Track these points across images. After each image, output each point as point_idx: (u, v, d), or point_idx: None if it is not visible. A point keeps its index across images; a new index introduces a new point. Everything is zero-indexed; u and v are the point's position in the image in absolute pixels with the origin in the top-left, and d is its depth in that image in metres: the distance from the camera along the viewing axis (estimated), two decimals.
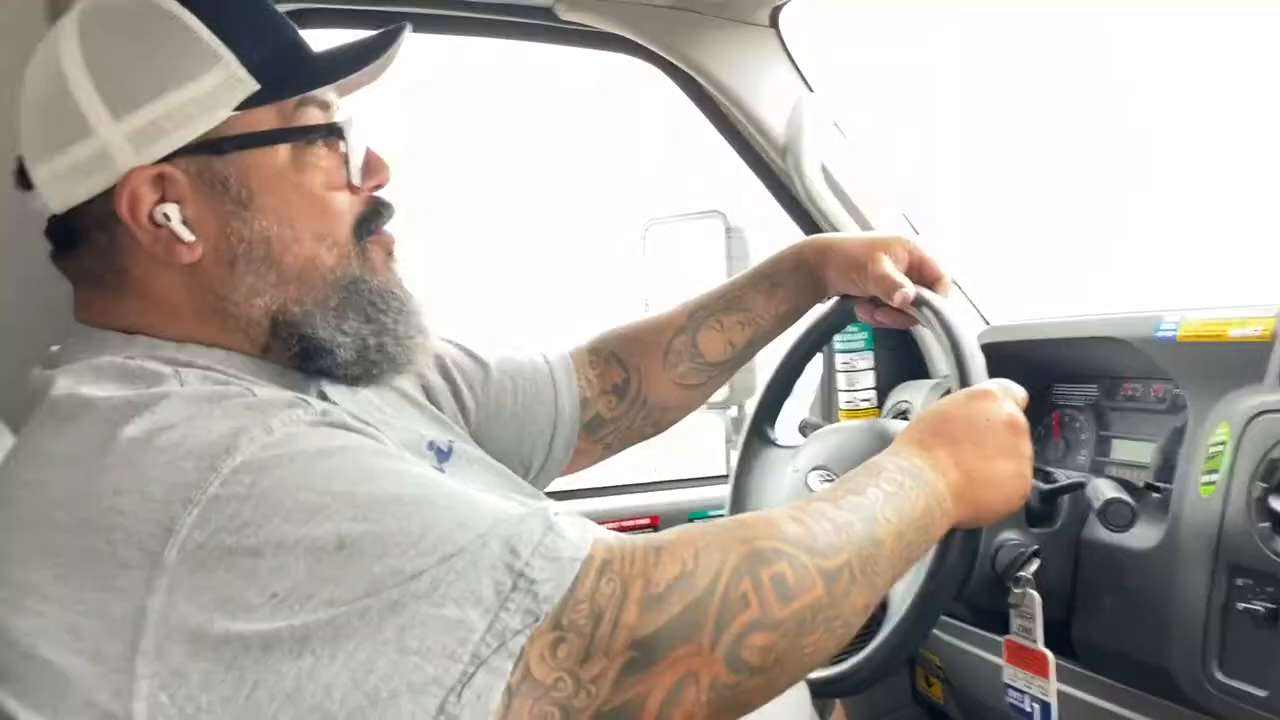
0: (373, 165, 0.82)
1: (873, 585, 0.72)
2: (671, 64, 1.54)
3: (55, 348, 0.78)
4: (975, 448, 0.83)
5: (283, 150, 0.76)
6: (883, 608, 0.91)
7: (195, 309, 0.76)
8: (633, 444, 1.20)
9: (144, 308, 0.76)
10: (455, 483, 0.69)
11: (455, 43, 1.57)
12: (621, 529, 1.53)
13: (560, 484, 1.21)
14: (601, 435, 1.16)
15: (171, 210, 0.73)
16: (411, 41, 0.83)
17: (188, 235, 0.73)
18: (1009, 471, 0.84)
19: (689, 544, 0.67)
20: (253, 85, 0.74)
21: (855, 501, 0.75)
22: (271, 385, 0.75)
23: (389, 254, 0.83)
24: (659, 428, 1.20)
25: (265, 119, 0.76)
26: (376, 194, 0.83)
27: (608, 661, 0.62)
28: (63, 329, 0.80)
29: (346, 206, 0.80)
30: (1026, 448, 0.86)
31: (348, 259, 0.79)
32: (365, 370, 0.80)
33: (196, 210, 0.74)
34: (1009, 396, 0.88)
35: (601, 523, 0.95)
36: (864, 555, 0.72)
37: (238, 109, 0.74)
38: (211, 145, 0.74)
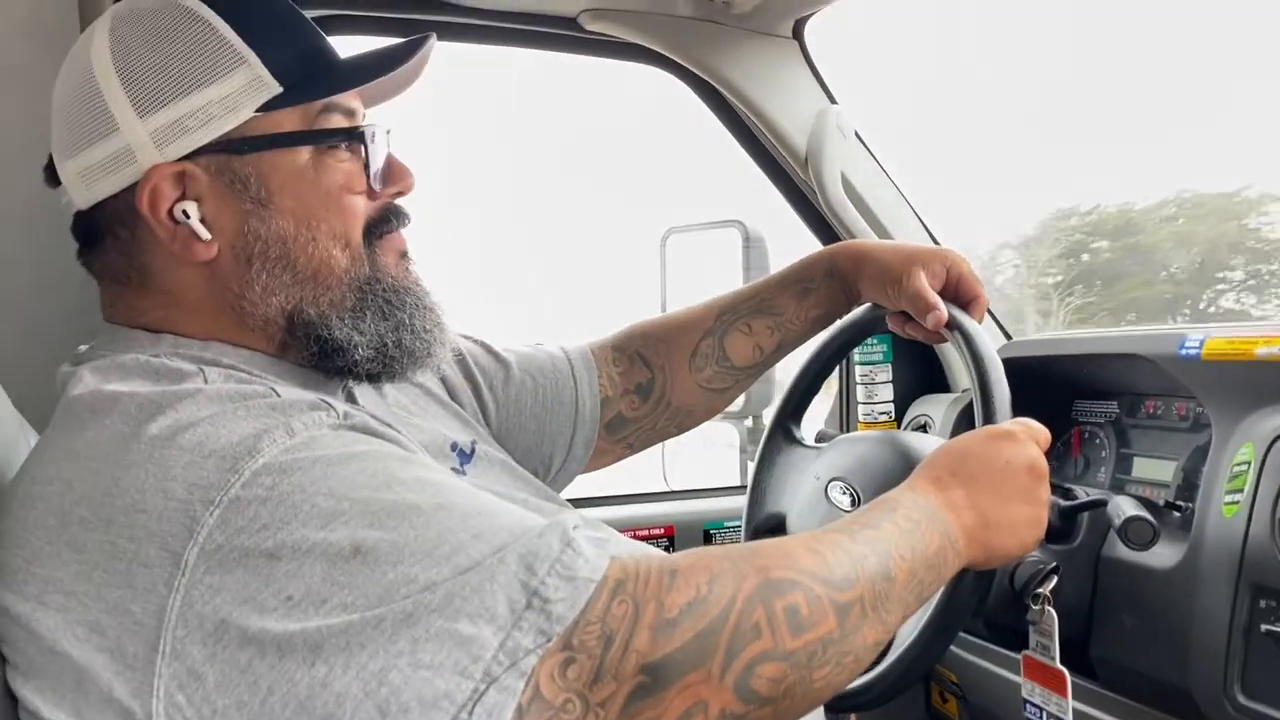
0: (396, 172, 0.83)
1: (883, 622, 0.72)
2: (694, 75, 1.54)
3: (83, 347, 0.79)
4: (992, 490, 0.82)
5: (304, 152, 0.78)
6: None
7: (213, 307, 0.77)
8: (654, 444, 1.20)
9: (166, 304, 0.77)
10: (476, 491, 0.69)
11: (482, 52, 1.58)
12: (636, 538, 1.53)
13: (577, 491, 1.20)
14: (623, 435, 1.15)
15: (191, 208, 0.74)
16: (437, 51, 0.84)
17: (204, 233, 0.75)
18: (1024, 517, 0.83)
19: (705, 569, 0.66)
20: (276, 88, 0.76)
21: (871, 536, 0.74)
22: (294, 385, 0.76)
23: (401, 255, 0.84)
24: (681, 429, 1.19)
25: (287, 121, 0.77)
26: (395, 200, 0.84)
27: (617, 685, 0.62)
28: (92, 329, 0.81)
29: (361, 209, 0.80)
30: (1045, 493, 0.85)
31: (360, 260, 0.80)
32: (385, 367, 0.81)
33: (215, 208, 0.75)
34: (1031, 439, 0.86)
35: (619, 530, 0.95)
36: (877, 591, 0.71)
37: (260, 110, 0.75)
38: (232, 145, 0.75)
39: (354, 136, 0.80)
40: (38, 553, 0.63)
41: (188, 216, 0.74)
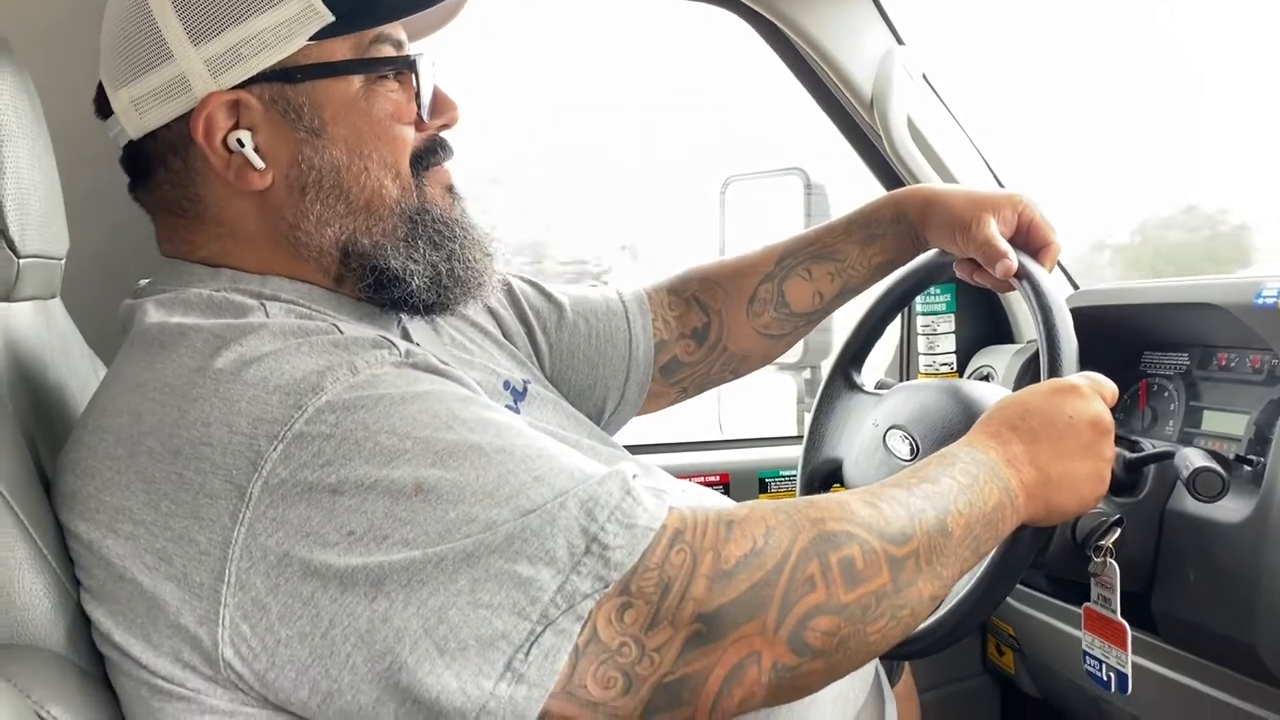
0: (441, 104, 0.84)
1: (939, 576, 0.71)
2: (757, 14, 1.50)
3: (144, 281, 0.81)
4: (1054, 445, 0.80)
5: (355, 81, 0.78)
6: None
7: (269, 238, 0.77)
8: (709, 389, 1.20)
9: (221, 235, 0.78)
10: (537, 433, 0.69)
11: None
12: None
13: (632, 438, 1.20)
14: (678, 379, 1.15)
15: (245, 137, 0.75)
16: None
17: (259, 162, 0.75)
18: (1086, 473, 0.81)
19: (760, 521, 0.66)
20: (328, 16, 0.75)
21: (929, 490, 0.73)
22: (353, 320, 0.77)
23: (448, 188, 0.84)
24: (737, 374, 1.19)
25: (339, 50, 0.77)
26: (440, 133, 0.84)
27: (673, 631, 0.62)
28: (148, 267, 0.82)
29: (409, 140, 0.80)
30: (1109, 450, 0.83)
31: (410, 191, 0.80)
32: (439, 297, 0.82)
33: (268, 138, 0.75)
34: (1097, 393, 0.84)
35: (675, 476, 0.95)
36: (933, 545, 0.70)
37: (313, 39, 0.75)
38: (286, 74, 0.75)
39: (406, 65, 0.79)
40: (108, 482, 0.65)
41: (242, 145, 0.75)
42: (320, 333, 0.68)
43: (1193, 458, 1.00)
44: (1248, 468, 1.09)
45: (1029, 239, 1.01)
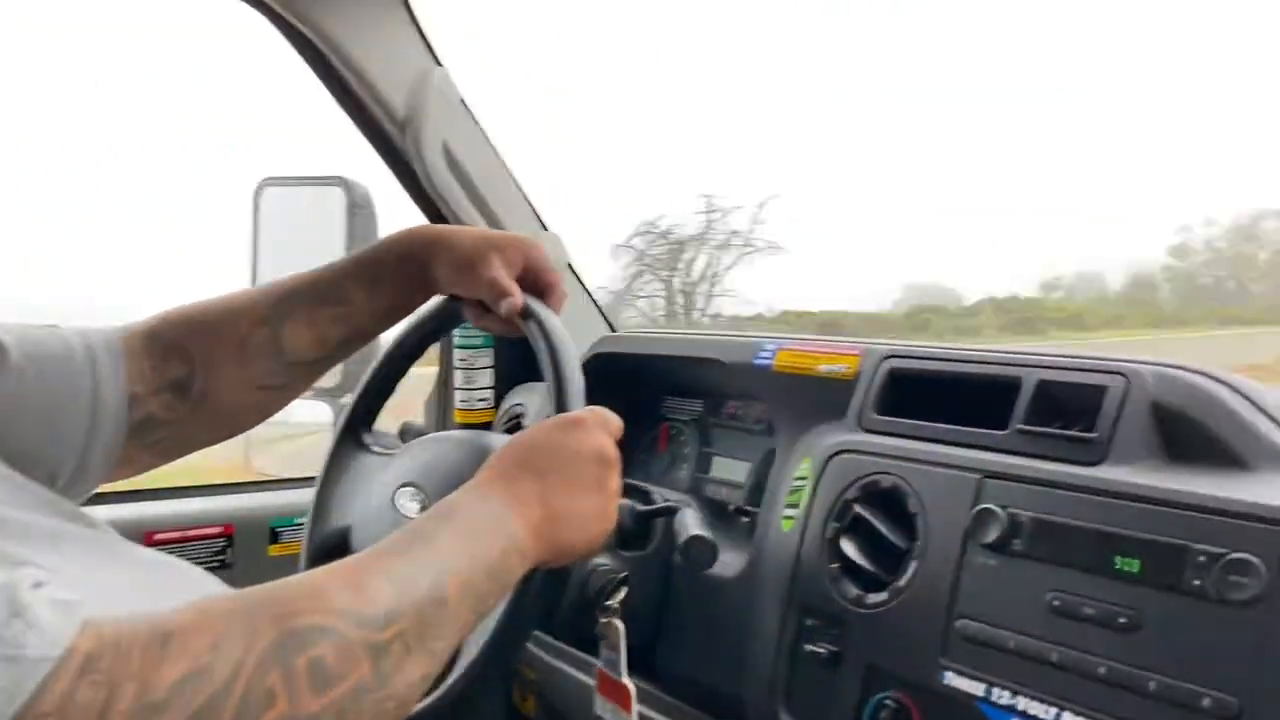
0: None
1: (431, 653, 0.64)
2: (279, 15, 1.35)
3: None
4: (561, 481, 0.77)
5: None
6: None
7: None
8: (194, 450, 1.02)
9: None
10: None
11: None
12: (185, 539, 1.34)
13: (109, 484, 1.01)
14: (155, 440, 0.95)
15: None
16: None
17: None
18: (592, 509, 0.79)
19: (209, 629, 0.55)
20: None
21: (423, 553, 0.66)
22: None
23: None
24: (231, 432, 1.03)
25: None
26: None
27: None
28: None
29: None
30: (614, 482, 0.81)
31: None
32: None
33: None
34: (602, 427, 0.82)
35: (162, 531, 0.79)
36: (424, 619, 0.64)
37: None
38: None
39: None
40: None
41: None
42: None
43: (689, 523, 1.01)
44: (745, 519, 1.14)
45: (536, 281, 0.98)
